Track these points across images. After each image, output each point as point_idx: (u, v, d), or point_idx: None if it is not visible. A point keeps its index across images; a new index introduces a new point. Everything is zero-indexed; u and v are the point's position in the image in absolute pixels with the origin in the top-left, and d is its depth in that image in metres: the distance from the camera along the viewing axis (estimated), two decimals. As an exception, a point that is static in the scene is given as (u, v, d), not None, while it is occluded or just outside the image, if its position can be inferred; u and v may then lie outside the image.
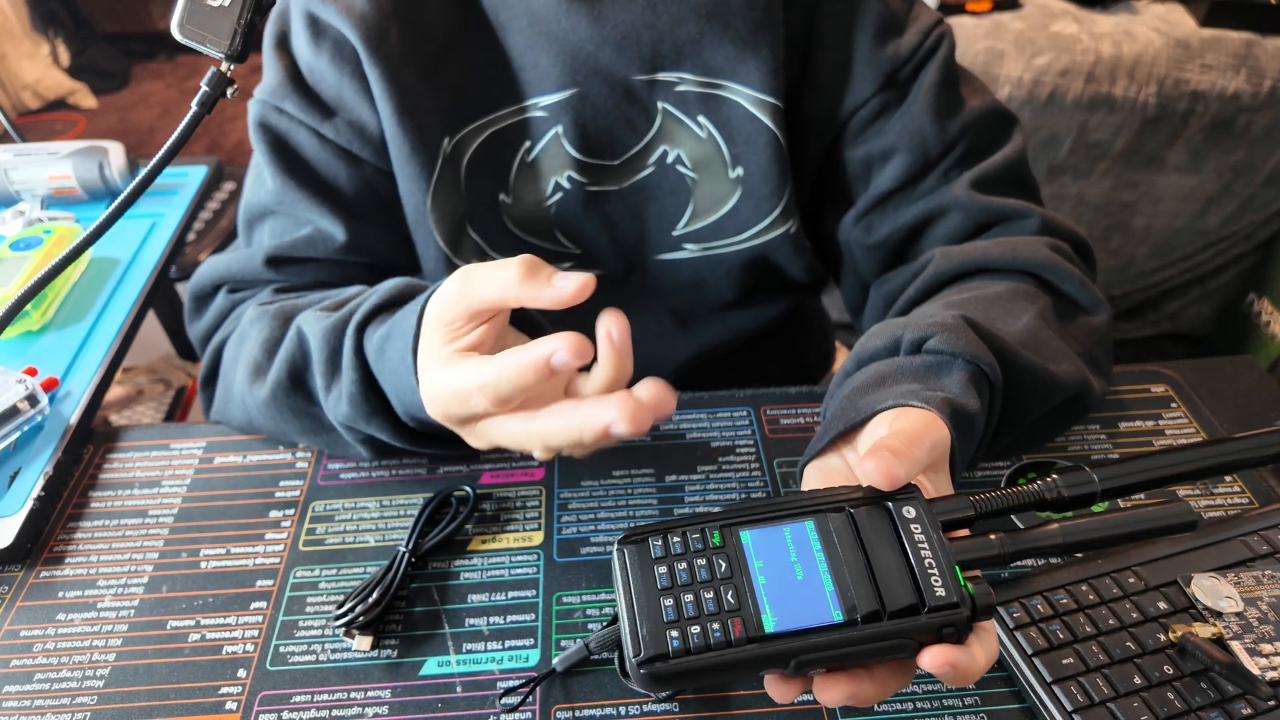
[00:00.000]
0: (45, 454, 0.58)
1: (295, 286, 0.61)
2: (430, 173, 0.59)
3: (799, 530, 0.36)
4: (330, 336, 0.50)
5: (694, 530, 0.36)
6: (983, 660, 0.34)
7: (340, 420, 0.51)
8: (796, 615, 0.34)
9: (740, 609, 0.34)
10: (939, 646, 0.33)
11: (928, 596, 0.33)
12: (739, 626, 0.33)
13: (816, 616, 0.34)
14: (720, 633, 0.33)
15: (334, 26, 0.56)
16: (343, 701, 0.46)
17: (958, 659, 0.33)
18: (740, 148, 0.62)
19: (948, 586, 0.33)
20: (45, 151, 0.84)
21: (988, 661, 0.34)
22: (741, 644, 0.33)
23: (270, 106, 0.59)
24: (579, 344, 0.35)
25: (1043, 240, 0.58)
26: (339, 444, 0.56)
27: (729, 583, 0.34)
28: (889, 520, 0.36)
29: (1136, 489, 0.40)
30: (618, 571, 0.36)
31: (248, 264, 0.61)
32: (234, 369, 0.58)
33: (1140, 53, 1.35)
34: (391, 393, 0.48)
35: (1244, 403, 0.62)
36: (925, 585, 0.34)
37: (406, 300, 0.49)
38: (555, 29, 0.57)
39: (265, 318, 0.56)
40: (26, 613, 0.51)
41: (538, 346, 0.36)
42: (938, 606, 0.33)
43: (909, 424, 0.39)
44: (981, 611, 0.34)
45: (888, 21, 0.60)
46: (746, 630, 0.33)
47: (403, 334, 0.45)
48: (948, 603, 0.33)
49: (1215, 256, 1.58)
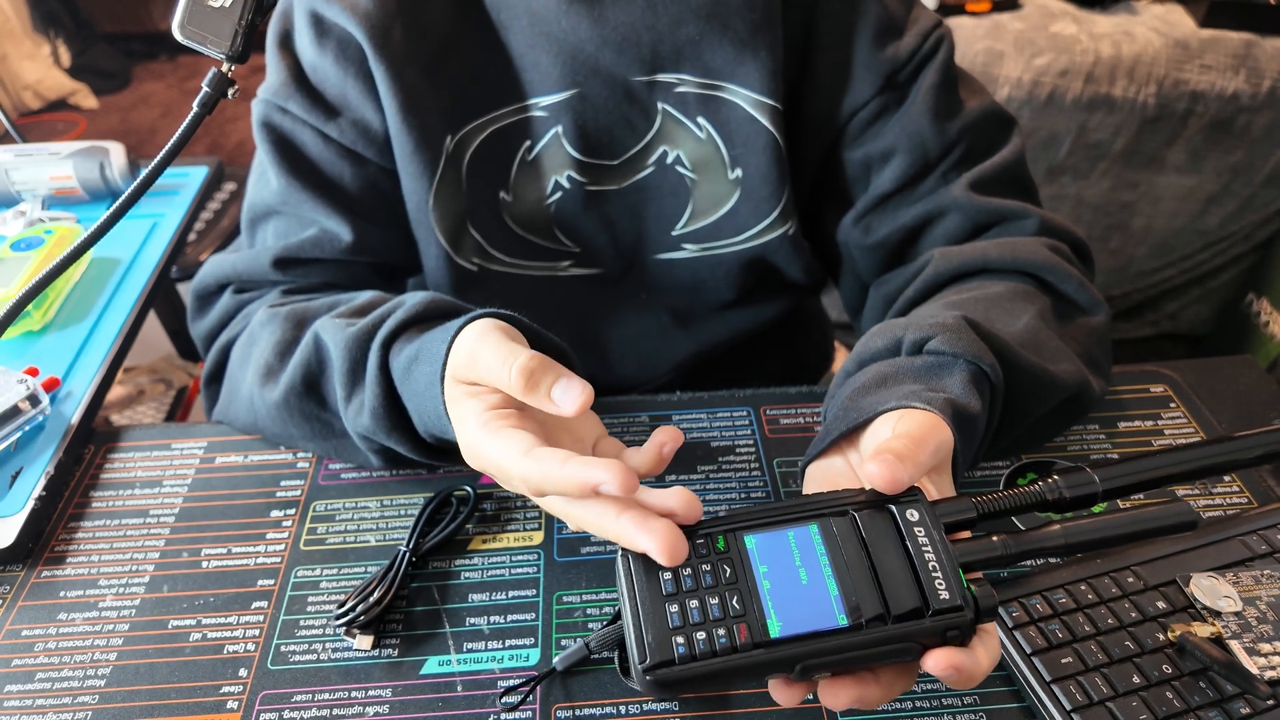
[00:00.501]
0: (46, 454, 0.58)
1: (302, 288, 0.61)
2: (433, 171, 0.59)
3: (803, 534, 0.36)
4: (353, 347, 0.50)
5: (698, 536, 0.36)
6: (986, 662, 0.34)
7: (359, 431, 0.52)
8: (801, 620, 0.34)
9: (745, 614, 0.34)
10: (943, 649, 0.33)
11: (932, 600, 0.33)
12: (744, 632, 0.33)
13: (821, 621, 0.34)
14: (726, 638, 0.33)
15: (339, 25, 0.56)
16: (344, 701, 0.46)
17: (962, 662, 0.33)
18: (739, 149, 0.62)
19: (951, 589, 0.34)
20: (46, 152, 0.84)
21: (991, 663, 0.34)
22: (747, 649, 0.33)
23: (274, 106, 0.59)
24: (627, 480, 0.34)
25: (1041, 241, 0.58)
26: (347, 451, 0.56)
27: (734, 588, 0.34)
28: (893, 523, 0.36)
29: (1137, 489, 0.40)
30: (622, 577, 0.36)
31: (254, 264, 0.61)
32: (242, 370, 0.58)
33: (1140, 53, 1.35)
34: (414, 412, 0.48)
35: (1243, 403, 0.62)
36: (929, 588, 0.34)
37: (433, 319, 0.49)
38: (556, 30, 0.58)
39: (277, 320, 0.56)
40: (28, 612, 0.51)
41: (589, 471, 0.35)
42: (942, 609, 0.33)
43: (912, 426, 0.39)
44: (985, 613, 0.34)
45: (887, 24, 0.60)
46: (752, 635, 0.33)
47: (431, 360, 0.45)
48: (952, 606, 0.33)
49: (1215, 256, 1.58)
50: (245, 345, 0.58)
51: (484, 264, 0.64)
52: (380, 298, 0.55)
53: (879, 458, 0.36)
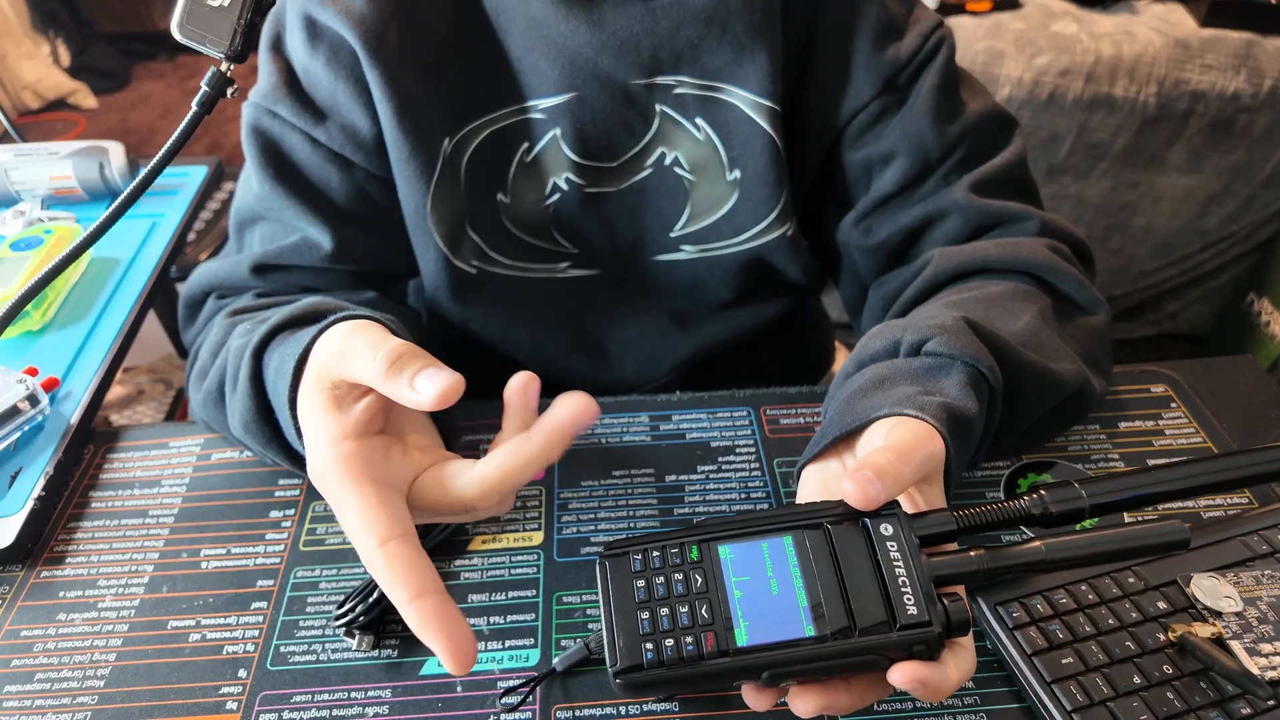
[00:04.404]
0: (46, 454, 0.58)
1: (279, 292, 0.61)
2: (431, 174, 0.59)
3: (777, 546, 0.37)
4: (236, 355, 0.48)
5: (673, 545, 0.37)
6: (955, 677, 0.34)
7: (241, 440, 0.50)
8: (769, 629, 0.35)
9: (713, 623, 0.35)
10: (907, 663, 0.34)
11: (899, 614, 0.34)
12: (711, 640, 0.34)
13: (788, 631, 0.35)
14: (693, 646, 0.34)
15: (332, 29, 0.56)
16: (343, 701, 0.46)
17: (926, 676, 0.33)
18: (738, 150, 0.62)
19: (919, 605, 0.34)
20: (45, 151, 0.84)
21: (961, 678, 0.35)
22: (713, 657, 0.34)
23: (263, 110, 0.59)
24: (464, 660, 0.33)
25: (1042, 241, 0.58)
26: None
27: (704, 597, 0.36)
28: (865, 537, 0.36)
29: (1126, 506, 0.39)
30: (599, 583, 0.37)
31: (235, 271, 0.61)
32: (190, 372, 0.59)
33: (1140, 53, 1.35)
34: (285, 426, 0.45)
35: (1244, 403, 0.62)
36: (897, 603, 0.34)
37: (309, 322, 0.46)
38: (554, 33, 0.57)
39: (221, 323, 0.56)
40: (27, 612, 0.51)
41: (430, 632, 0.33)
42: (908, 625, 0.34)
43: (902, 437, 0.39)
44: (956, 628, 0.35)
45: (887, 25, 0.60)
46: (718, 644, 0.34)
47: (283, 375, 0.42)
48: (919, 621, 0.34)
49: (1215, 256, 1.58)
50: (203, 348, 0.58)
51: (483, 266, 0.64)
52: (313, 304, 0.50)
53: (855, 475, 0.36)
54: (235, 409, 0.48)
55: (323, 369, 0.39)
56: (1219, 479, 0.41)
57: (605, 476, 0.57)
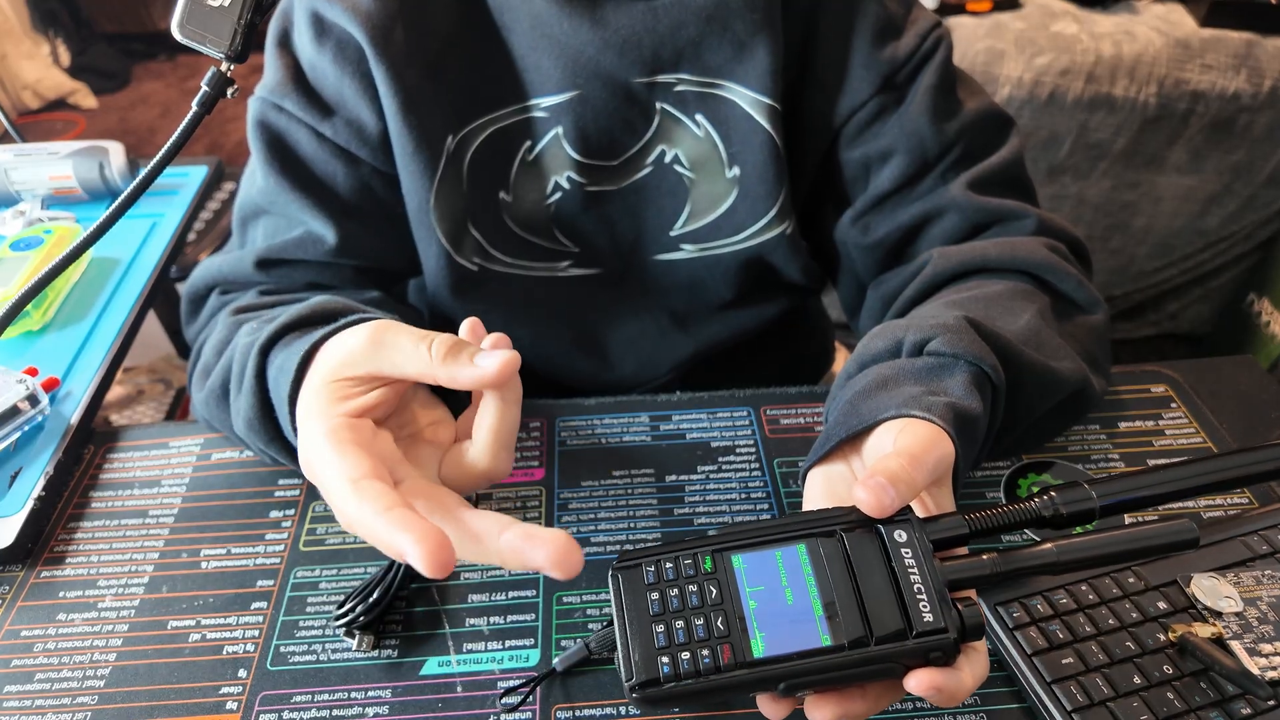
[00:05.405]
0: (46, 454, 0.58)
1: (284, 289, 0.61)
2: (434, 171, 0.59)
3: (790, 554, 0.37)
4: (243, 352, 0.48)
5: (686, 555, 0.37)
6: (970, 682, 0.34)
7: (243, 439, 0.51)
8: (785, 640, 0.34)
9: (729, 635, 0.35)
10: (924, 670, 0.34)
11: (915, 622, 0.34)
12: (728, 653, 0.34)
13: (805, 641, 0.34)
14: (710, 659, 0.34)
15: (339, 25, 0.56)
16: (343, 701, 0.46)
17: (943, 682, 0.34)
18: (737, 147, 0.62)
19: (935, 612, 0.34)
20: (45, 151, 0.84)
21: (975, 682, 0.35)
22: (730, 669, 0.34)
23: (270, 104, 0.59)
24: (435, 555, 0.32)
25: (1040, 240, 0.58)
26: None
27: (719, 609, 0.35)
28: (880, 544, 0.36)
29: (1136, 506, 0.39)
30: (613, 596, 0.37)
31: (238, 265, 0.61)
32: (192, 370, 0.58)
33: (1140, 53, 1.35)
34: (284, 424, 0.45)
35: (1244, 403, 0.62)
36: (913, 610, 0.34)
37: (318, 322, 0.47)
38: (557, 32, 0.58)
39: (226, 320, 0.56)
40: (27, 613, 0.51)
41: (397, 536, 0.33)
42: (925, 632, 0.34)
43: (912, 442, 0.39)
44: (971, 633, 0.34)
45: (886, 24, 0.60)
46: (735, 656, 0.34)
47: (286, 372, 0.43)
48: (935, 628, 0.34)
49: (1215, 256, 1.58)
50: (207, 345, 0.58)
51: (484, 264, 0.64)
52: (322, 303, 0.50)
53: (869, 482, 0.36)
54: (239, 407, 0.48)
55: (345, 362, 0.40)
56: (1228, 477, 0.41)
57: (605, 476, 0.57)
